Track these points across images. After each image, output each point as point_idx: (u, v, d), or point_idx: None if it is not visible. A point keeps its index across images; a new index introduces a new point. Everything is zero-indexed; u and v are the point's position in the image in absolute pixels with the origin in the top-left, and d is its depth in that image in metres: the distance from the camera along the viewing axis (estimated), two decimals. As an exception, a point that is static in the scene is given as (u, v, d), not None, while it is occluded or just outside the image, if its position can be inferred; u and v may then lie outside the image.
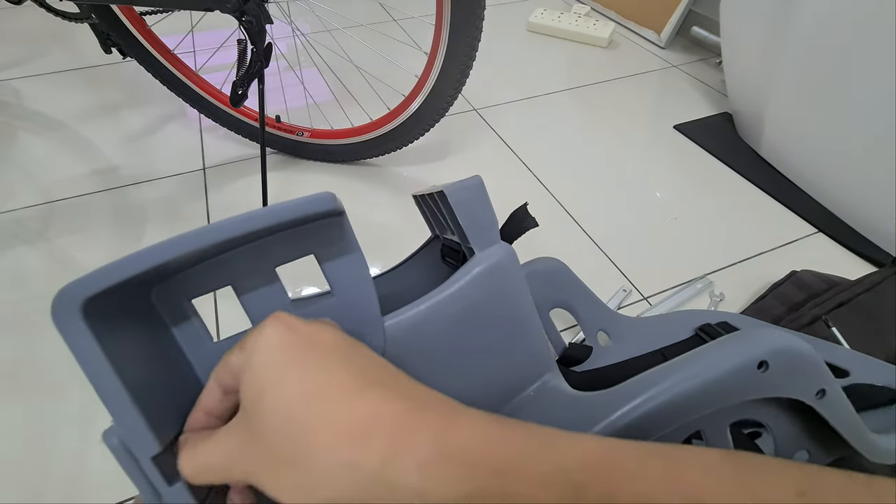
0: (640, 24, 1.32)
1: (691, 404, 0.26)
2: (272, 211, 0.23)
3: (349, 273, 0.27)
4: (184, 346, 0.25)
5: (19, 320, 0.66)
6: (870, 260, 0.74)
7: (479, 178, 0.31)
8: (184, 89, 0.87)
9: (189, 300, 0.25)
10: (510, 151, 0.94)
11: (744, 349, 0.27)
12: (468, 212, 0.31)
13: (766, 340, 0.27)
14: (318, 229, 0.25)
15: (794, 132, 0.83)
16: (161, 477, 0.21)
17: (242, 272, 0.25)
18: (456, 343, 0.29)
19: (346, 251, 0.26)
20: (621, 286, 0.70)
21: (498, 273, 0.29)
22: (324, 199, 0.23)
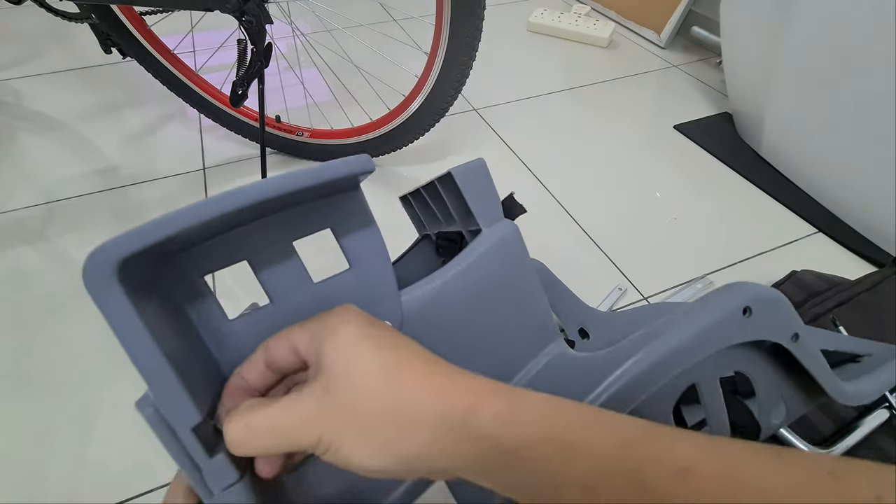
0: (640, 24, 1.32)
1: (689, 351, 0.29)
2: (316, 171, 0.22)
3: (366, 247, 0.27)
4: (198, 323, 0.24)
5: (19, 320, 0.66)
6: (870, 260, 0.74)
7: (482, 160, 0.33)
8: (184, 89, 0.87)
9: (202, 277, 0.24)
10: (510, 151, 0.94)
11: (730, 298, 0.30)
12: (474, 191, 0.32)
13: (748, 289, 0.31)
14: (335, 202, 0.25)
15: (794, 132, 0.83)
16: (202, 448, 0.20)
17: (259, 247, 0.24)
18: (469, 316, 0.30)
19: (364, 224, 0.26)
20: (617, 285, 0.70)
21: (506, 246, 0.31)
22: (360, 161, 0.23)
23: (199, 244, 0.23)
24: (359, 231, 0.26)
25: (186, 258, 0.23)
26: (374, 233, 0.27)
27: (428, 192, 0.41)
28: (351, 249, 0.26)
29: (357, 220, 0.26)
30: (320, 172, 0.23)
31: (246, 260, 0.24)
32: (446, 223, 0.41)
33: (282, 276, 0.25)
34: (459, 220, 0.37)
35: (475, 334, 0.30)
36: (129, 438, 0.54)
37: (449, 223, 0.40)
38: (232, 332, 0.25)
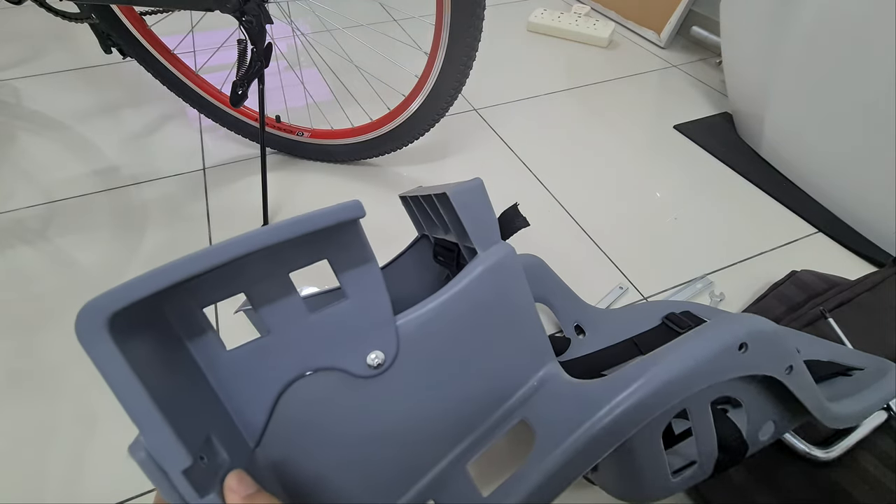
0: (640, 24, 1.32)
1: (684, 384, 0.28)
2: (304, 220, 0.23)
3: (363, 277, 0.27)
4: (197, 356, 0.25)
5: (19, 320, 0.66)
6: (870, 260, 0.74)
7: (479, 180, 0.33)
8: (184, 89, 0.87)
9: (201, 309, 0.25)
10: (510, 151, 0.94)
11: (726, 333, 0.30)
12: (470, 213, 0.32)
13: (745, 324, 0.30)
14: (333, 234, 0.25)
15: (794, 132, 0.83)
16: (193, 489, 0.21)
17: (255, 278, 0.25)
18: (464, 339, 0.30)
19: (360, 255, 0.27)
20: (618, 284, 0.70)
21: (501, 271, 0.31)
22: (353, 207, 0.24)
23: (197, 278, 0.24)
24: (355, 262, 0.27)
25: (185, 292, 0.23)
26: (371, 264, 0.27)
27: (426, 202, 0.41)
28: (347, 280, 0.27)
29: (353, 252, 0.27)
30: (311, 222, 0.24)
31: (243, 292, 0.25)
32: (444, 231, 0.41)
33: (278, 307, 0.26)
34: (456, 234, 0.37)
35: (470, 357, 0.30)
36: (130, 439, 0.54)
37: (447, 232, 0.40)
38: (229, 362, 0.25)
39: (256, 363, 0.26)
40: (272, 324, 0.26)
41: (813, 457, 0.46)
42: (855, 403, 0.37)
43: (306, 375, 0.27)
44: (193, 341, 0.24)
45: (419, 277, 0.52)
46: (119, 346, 0.20)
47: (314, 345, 0.27)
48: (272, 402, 0.26)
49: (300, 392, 0.27)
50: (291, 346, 0.26)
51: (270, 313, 0.26)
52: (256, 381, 0.26)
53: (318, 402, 0.27)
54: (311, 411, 0.27)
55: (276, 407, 0.26)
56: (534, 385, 0.32)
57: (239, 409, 0.26)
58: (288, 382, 0.26)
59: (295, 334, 0.26)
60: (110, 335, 0.20)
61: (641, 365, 0.29)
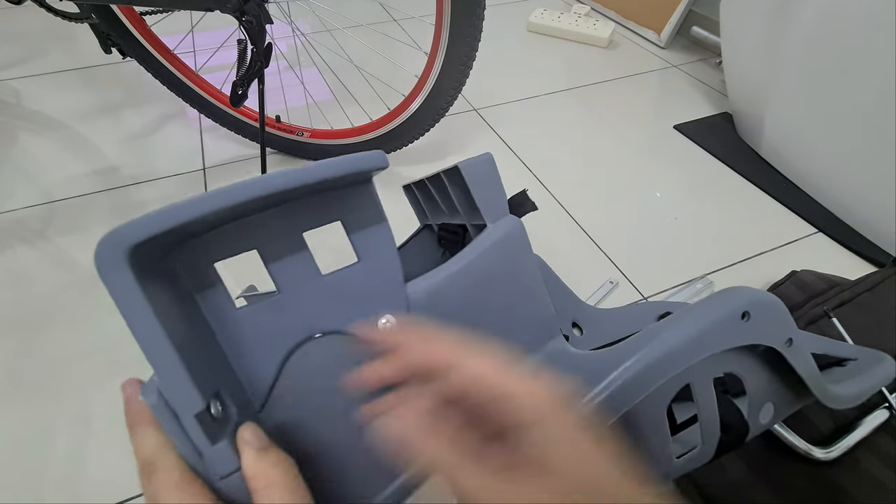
0: (640, 24, 1.32)
1: (689, 351, 0.29)
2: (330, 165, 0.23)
3: (375, 240, 0.27)
4: (206, 312, 0.24)
5: (19, 320, 0.66)
6: (870, 260, 0.74)
7: (489, 154, 0.33)
8: (184, 89, 0.87)
9: (212, 264, 0.24)
10: (510, 151, 0.94)
11: (730, 302, 0.30)
12: (481, 186, 0.32)
13: (748, 294, 0.31)
14: (346, 195, 0.25)
15: (794, 132, 0.83)
16: (205, 435, 0.20)
17: (269, 236, 0.24)
18: (472, 309, 0.30)
19: (374, 218, 0.27)
20: (608, 278, 0.71)
21: (511, 242, 0.31)
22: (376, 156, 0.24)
23: (210, 231, 0.23)
24: (369, 224, 0.26)
25: (197, 245, 0.23)
26: (384, 226, 0.27)
27: (433, 184, 0.41)
28: (360, 242, 0.27)
29: (368, 214, 0.26)
30: (335, 167, 0.23)
31: (256, 249, 0.24)
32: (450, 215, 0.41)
33: (290, 267, 0.25)
34: (464, 213, 0.37)
35: (478, 327, 0.30)
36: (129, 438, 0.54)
37: (453, 215, 0.40)
38: (238, 320, 0.25)
39: (265, 322, 0.25)
40: (283, 283, 0.25)
41: (813, 456, 0.46)
42: (853, 385, 0.38)
43: (315, 338, 0.26)
44: (204, 297, 0.24)
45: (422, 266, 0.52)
46: (139, 282, 0.19)
47: (324, 306, 0.26)
48: (279, 363, 0.26)
49: (307, 355, 0.26)
50: (301, 306, 0.26)
51: (282, 272, 0.25)
52: (264, 341, 0.25)
53: (325, 368, 0.27)
54: (318, 376, 0.27)
55: (282, 370, 0.26)
56: (541, 357, 0.32)
57: (245, 369, 0.25)
58: (296, 344, 0.26)
59: (305, 295, 0.26)
60: (130, 268, 0.19)
61: (648, 333, 0.30)
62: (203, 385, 0.21)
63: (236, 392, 0.24)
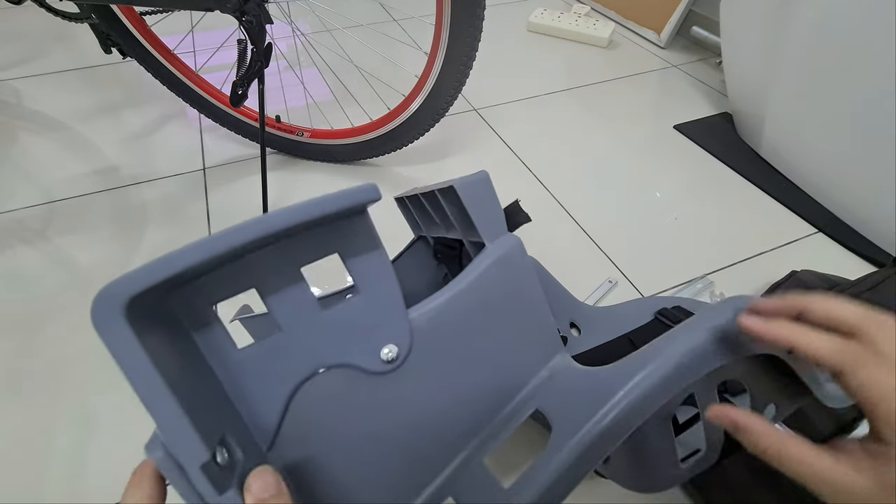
0: (640, 24, 1.32)
1: (694, 367, 0.29)
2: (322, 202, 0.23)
3: (373, 270, 0.27)
4: (207, 355, 0.24)
5: (19, 320, 0.66)
6: (870, 260, 0.74)
7: (485, 172, 0.33)
8: (184, 89, 0.87)
9: (211, 306, 0.24)
10: (510, 151, 0.94)
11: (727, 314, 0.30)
12: (477, 206, 0.32)
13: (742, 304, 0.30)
14: (342, 226, 0.25)
15: (794, 132, 0.83)
16: (211, 486, 0.20)
17: (266, 274, 0.24)
18: (475, 331, 0.30)
19: (370, 248, 0.26)
20: (607, 277, 0.71)
21: (510, 262, 0.31)
22: (368, 189, 0.24)
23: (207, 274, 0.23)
24: (365, 254, 0.26)
25: (195, 288, 0.23)
26: (381, 255, 0.27)
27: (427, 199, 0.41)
28: (358, 272, 0.26)
29: (364, 244, 0.26)
30: (330, 203, 0.23)
31: (254, 287, 0.24)
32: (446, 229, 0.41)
33: (290, 303, 0.25)
34: (461, 229, 0.37)
35: (482, 349, 0.30)
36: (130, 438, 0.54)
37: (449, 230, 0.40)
38: (240, 361, 0.24)
39: (268, 362, 0.25)
40: (283, 320, 0.25)
41: (813, 457, 0.46)
42: None
43: (319, 373, 0.26)
44: (204, 340, 0.24)
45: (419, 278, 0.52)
46: (136, 334, 0.19)
47: (327, 341, 0.26)
48: (285, 402, 0.25)
49: (313, 391, 0.26)
50: (303, 343, 0.26)
51: (281, 310, 0.25)
52: (268, 381, 0.25)
53: (332, 401, 0.27)
54: (325, 410, 0.26)
55: (288, 407, 0.25)
56: (545, 375, 0.32)
57: (250, 410, 0.25)
58: (300, 381, 0.26)
59: (307, 331, 0.25)
60: (127, 321, 0.19)
61: (650, 351, 0.30)
62: (207, 433, 0.20)
63: (241, 434, 0.24)
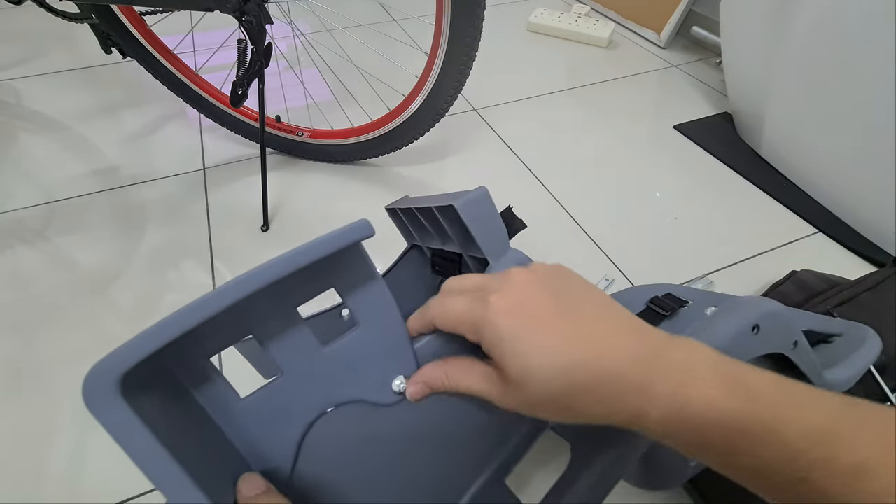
0: (640, 24, 1.32)
1: None
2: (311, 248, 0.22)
3: (373, 302, 0.26)
4: (208, 408, 0.23)
5: (19, 320, 0.66)
6: (870, 260, 0.74)
7: (484, 189, 0.32)
8: (184, 89, 0.87)
9: (207, 358, 0.23)
10: (510, 151, 0.94)
11: (740, 317, 0.30)
12: (479, 224, 0.31)
13: (756, 307, 0.31)
14: (336, 259, 0.24)
15: (794, 132, 0.83)
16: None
17: (262, 318, 0.23)
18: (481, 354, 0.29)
19: (366, 278, 0.25)
20: (604, 275, 0.71)
21: None
22: (361, 227, 0.23)
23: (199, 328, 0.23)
24: (363, 286, 0.25)
25: (188, 341, 0.22)
26: (379, 286, 0.26)
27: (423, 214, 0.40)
28: (357, 306, 0.25)
29: (359, 276, 0.25)
30: (325, 246, 0.22)
31: (251, 334, 0.23)
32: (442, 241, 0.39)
33: (289, 345, 0.24)
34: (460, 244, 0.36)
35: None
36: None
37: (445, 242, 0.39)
38: (245, 410, 0.24)
39: (274, 408, 0.24)
40: (284, 363, 0.24)
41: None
42: (845, 370, 0.39)
43: (328, 412, 0.25)
44: (203, 393, 0.23)
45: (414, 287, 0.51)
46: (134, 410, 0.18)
47: (332, 379, 0.25)
48: (296, 446, 0.25)
49: (323, 431, 0.25)
50: (308, 384, 0.25)
51: (281, 352, 0.24)
52: (276, 427, 0.24)
53: (344, 437, 0.26)
54: (337, 446, 0.26)
55: (300, 451, 0.25)
56: None
57: (260, 458, 0.24)
58: (310, 423, 0.25)
59: (310, 371, 0.25)
60: (122, 398, 0.18)
61: None
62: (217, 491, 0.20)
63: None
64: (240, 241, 0.76)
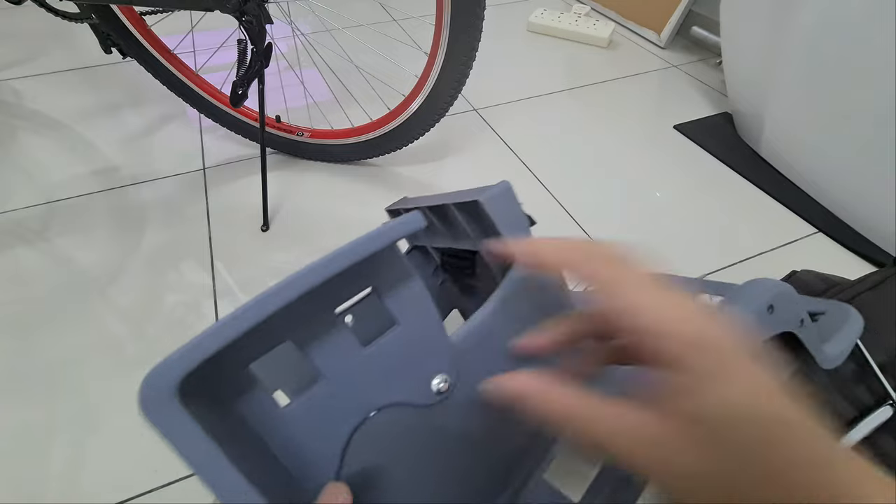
0: (640, 24, 1.32)
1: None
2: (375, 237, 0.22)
3: (410, 298, 0.25)
4: (248, 417, 0.22)
5: (19, 320, 0.66)
6: (870, 260, 0.74)
7: (507, 183, 0.31)
8: (184, 89, 0.87)
9: (246, 367, 0.22)
10: (510, 151, 0.94)
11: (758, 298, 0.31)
12: (505, 219, 0.31)
13: (770, 287, 0.32)
14: (373, 259, 0.23)
15: (794, 132, 0.83)
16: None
17: (300, 322, 0.22)
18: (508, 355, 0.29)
19: (403, 276, 0.25)
20: None
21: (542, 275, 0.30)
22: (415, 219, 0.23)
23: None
24: (400, 284, 0.25)
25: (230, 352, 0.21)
26: (416, 283, 0.25)
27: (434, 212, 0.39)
28: (394, 304, 0.25)
29: (396, 273, 0.25)
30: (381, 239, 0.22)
31: (289, 339, 0.23)
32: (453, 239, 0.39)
33: (329, 348, 0.23)
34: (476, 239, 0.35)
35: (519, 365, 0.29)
36: (130, 438, 0.54)
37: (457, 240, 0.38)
38: (287, 419, 0.23)
39: (316, 415, 0.23)
40: (325, 367, 0.23)
41: (813, 457, 0.46)
42: (835, 346, 0.41)
43: (370, 417, 0.25)
44: (243, 403, 0.22)
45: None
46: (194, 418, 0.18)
47: (374, 381, 0.24)
48: (340, 454, 0.24)
49: (367, 436, 0.24)
50: (350, 387, 0.24)
51: (321, 356, 0.23)
52: (319, 434, 0.23)
53: (388, 443, 0.25)
54: (381, 453, 0.25)
55: (344, 458, 0.24)
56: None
57: (304, 468, 0.23)
58: (353, 429, 0.24)
59: (351, 374, 0.24)
60: (182, 405, 0.17)
61: None
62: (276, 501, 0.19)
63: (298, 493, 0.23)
64: (240, 242, 0.76)
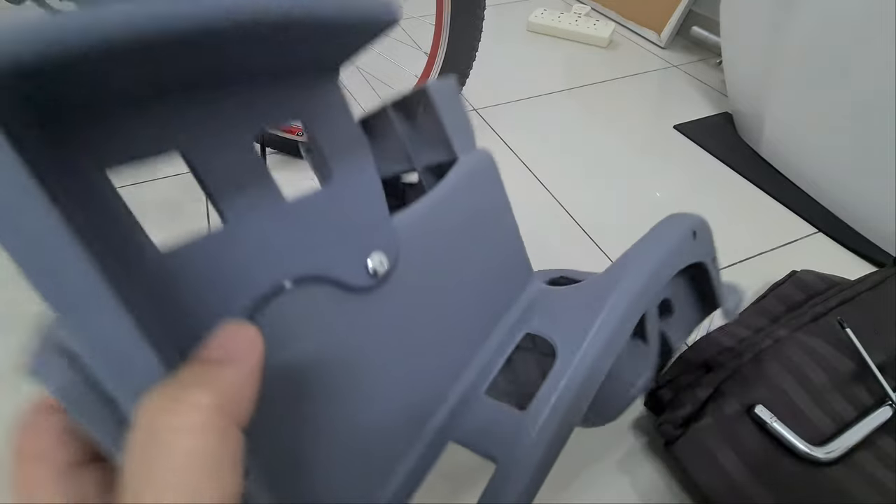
0: (640, 24, 1.32)
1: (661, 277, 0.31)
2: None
3: (346, 148, 0.20)
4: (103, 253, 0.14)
5: (19, 320, 0.66)
6: (870, 260, 0.74)
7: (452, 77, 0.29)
8: (184, 89, 0.87)
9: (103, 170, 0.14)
10: (510, 151, 0.94)
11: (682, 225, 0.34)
12: (450, 112, 0.28)
13: (690, 215, 0.35)
14: (305, 86, 0.19)
15: (794, 132, 0.83)
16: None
17: (202, 133, 0.16)
18: (457, 245, 0.26)
19: (342, 119, 0.20)
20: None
21: (487, 174, 0.30)
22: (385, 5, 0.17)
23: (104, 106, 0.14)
24: (337, 128, 0.20)
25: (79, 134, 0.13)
26: (356, 131, 0.21)
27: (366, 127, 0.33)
28: (329, 152, 0.20)
29: (335, 114, 0.20)
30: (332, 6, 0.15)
31: (180, 151, 0.16)
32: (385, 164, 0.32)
33: (237, 185, 0.17)
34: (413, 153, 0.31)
35: (464, 265, 0.27)
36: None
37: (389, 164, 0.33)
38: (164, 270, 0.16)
39: (209, 270, 0.17)
40: (230, 209, 0.17)
41: (813, 457, 0.46)
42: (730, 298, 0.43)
43: (285, 290, 0.19)
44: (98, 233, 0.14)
45: None
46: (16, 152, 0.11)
47: (293, 243, 0.19)
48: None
49: (277, 316, 0.18)
50: (260, 244, 0.18)
51: (226, 192, 0.17)
52: (210, 297, 0.17)
53: (303, 329, 0.19)
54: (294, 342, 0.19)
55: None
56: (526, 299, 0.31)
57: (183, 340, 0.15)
58: (258, 299, 0.18)
59: (264, 227, 0.18)
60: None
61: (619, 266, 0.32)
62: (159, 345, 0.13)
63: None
64: (240, 241, 0.76)
